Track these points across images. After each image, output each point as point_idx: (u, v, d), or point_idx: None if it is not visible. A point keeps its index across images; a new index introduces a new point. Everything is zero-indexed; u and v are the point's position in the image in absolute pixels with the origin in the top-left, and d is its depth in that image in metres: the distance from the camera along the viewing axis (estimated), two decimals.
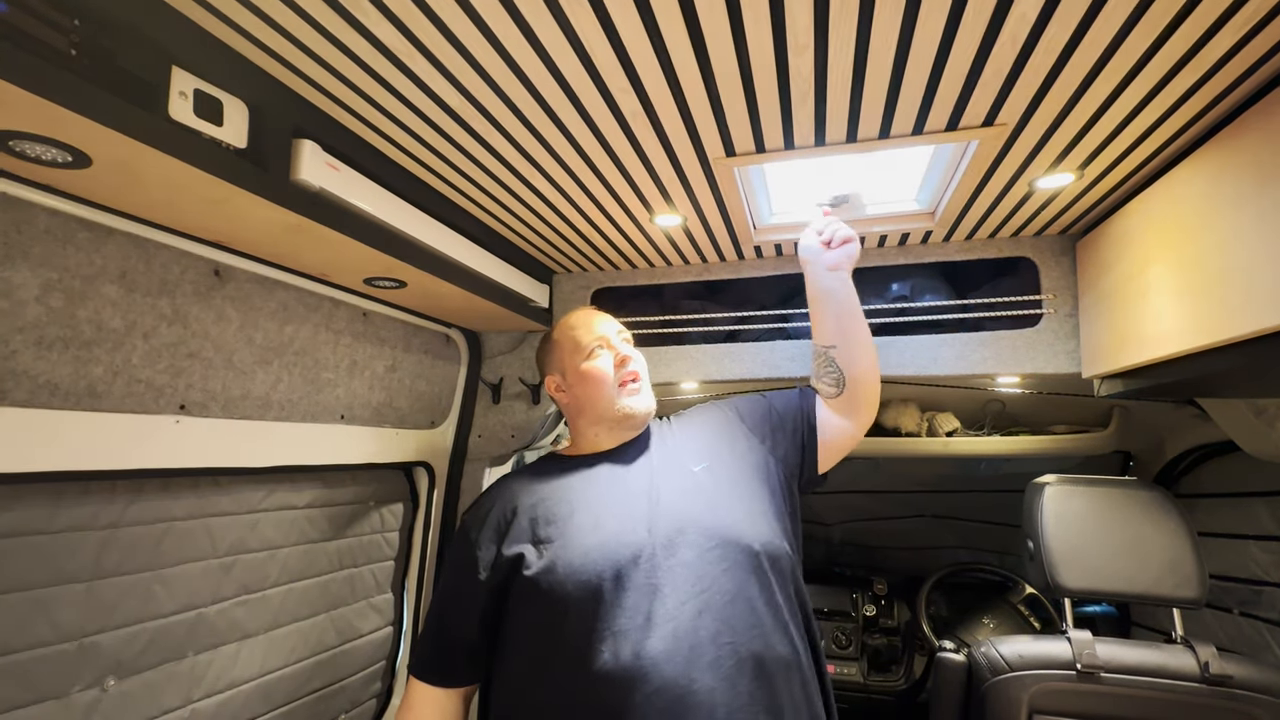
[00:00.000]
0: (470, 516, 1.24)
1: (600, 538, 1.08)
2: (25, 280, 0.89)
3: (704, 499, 1.15)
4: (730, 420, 1.33)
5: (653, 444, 1.28)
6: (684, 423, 1.36)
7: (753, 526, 1.13)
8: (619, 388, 1.26)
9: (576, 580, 1.04)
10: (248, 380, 1.25)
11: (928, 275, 1.72)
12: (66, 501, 1.01)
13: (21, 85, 0.64)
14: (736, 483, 1.20)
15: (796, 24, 0.82)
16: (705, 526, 1.10)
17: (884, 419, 2.33)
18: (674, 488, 1.17)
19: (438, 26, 0.83)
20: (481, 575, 1.13)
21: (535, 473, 1.28)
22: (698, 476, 1.19)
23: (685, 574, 1.05)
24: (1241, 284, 0.95)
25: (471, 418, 1.94)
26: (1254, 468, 1.72)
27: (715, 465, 1.22)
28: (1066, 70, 0.91)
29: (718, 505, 1.14)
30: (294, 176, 0.98)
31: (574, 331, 1.32)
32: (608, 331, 1.31)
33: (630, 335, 1.37)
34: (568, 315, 1.38)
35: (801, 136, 1.10)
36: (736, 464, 1.23)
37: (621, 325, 1.36)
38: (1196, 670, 1.28)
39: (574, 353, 1.30)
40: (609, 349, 1.29)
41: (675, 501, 1.14)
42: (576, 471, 1.24)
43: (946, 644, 1.55)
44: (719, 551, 1.07)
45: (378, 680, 1.70)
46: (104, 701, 1.05)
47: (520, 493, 1.22)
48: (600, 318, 1.34)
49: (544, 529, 1.13)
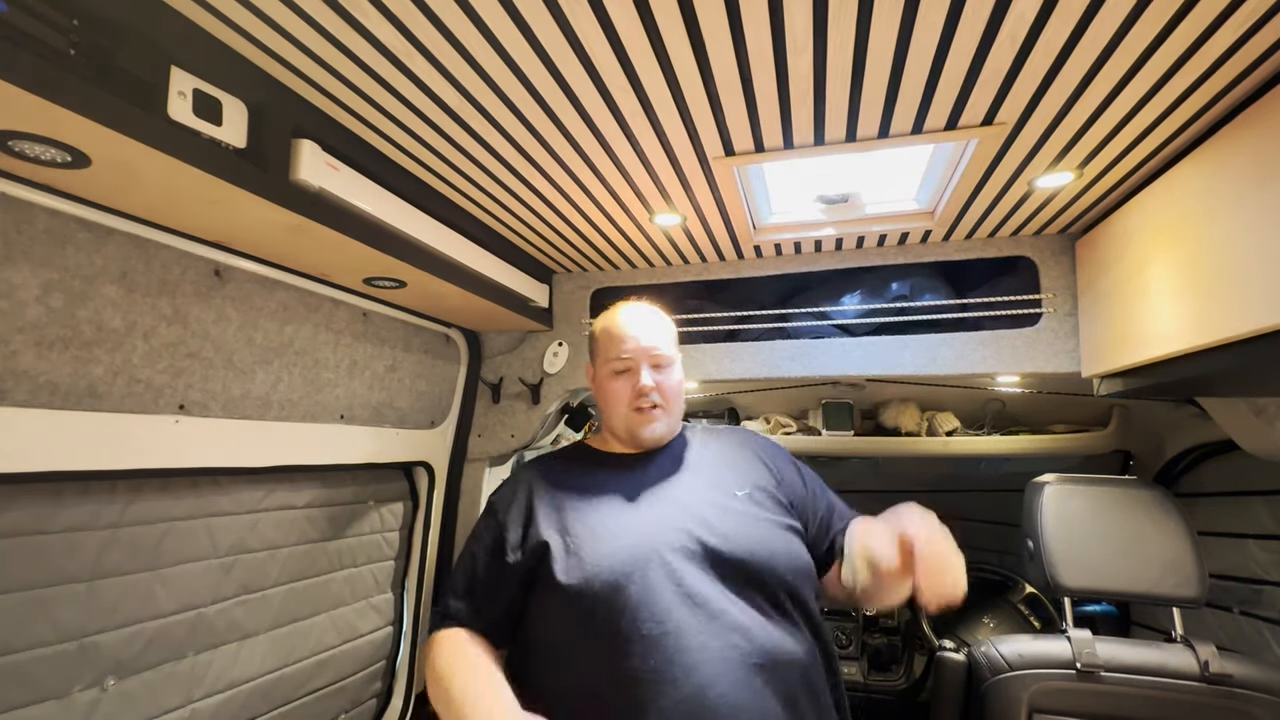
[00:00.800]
0: (498, 497, 1.24)
1: (629, 540, 1.08)
2: (25, 280, 0.89)
3: (741, 520, 1.14)
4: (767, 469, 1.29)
5: (690, 455, 1.27)
6: (723, 444, 1.33)
7: (786, 548, 1.13)
8: (634, 412, 1.24)
9: (603, 580, 1.04)
10: (248, 380, 1.25)
11: (927, 274, 1.72)
12: (67, 501, 1.01)
13: (21, 85, 0.64)
14: (774, 513, 1.19)
15: (795, 23, 0.82)
16: (740, 545, 1.09)
17: (884, 418, 2.33)
18: (710, 502, 1.16)
19: (437, 27, 0.83)
20: (510, 559, 1.13)
21: (567, 460, 1.28)
22: (738, 500, 1.18)
23: (712, 587, 1.05)
24: (1241, 283, 0.95)
25: (471, 418, 1.94)
26: (1254, 467, 1.72)
27: (755, 494, 1.21)
28: (1065, 69, 0.91)
29: (753, 527, 1.14)
30: (293, 176, 0.98)
31: (608, 336, 1.29)
32: (638, 352, 1.25)
33: (668, 352, 1.28)
34: (616, 308, 1.33)
35: (801, 136, 1.10)
36: (770, 499, 1.22)
37: (667, 339, 1.29)
38: (1196, 669, 1.28)
39: (602, 358, 1.29)
40: (633, 373, 1.25)
41: (710, 515, 1.13)
42: (610, 469, 1.24)
43: (946, 643, 1.55)
44: (747, 569, 1.08)
45: (378, 680, 1.70)
46: (104, 701, 1.05)
47: (551, 479, 1.22)
48: (640, 330, 1.27)
49: (574, 524, 1.12)
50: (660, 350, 1.27)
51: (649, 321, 1.30)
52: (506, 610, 1.15)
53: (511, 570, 1.13)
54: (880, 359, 1.65)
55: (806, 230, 1.56)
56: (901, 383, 2.20)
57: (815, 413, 2.35)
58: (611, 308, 1.35)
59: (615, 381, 1.26)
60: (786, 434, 2.36)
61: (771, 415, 2.47)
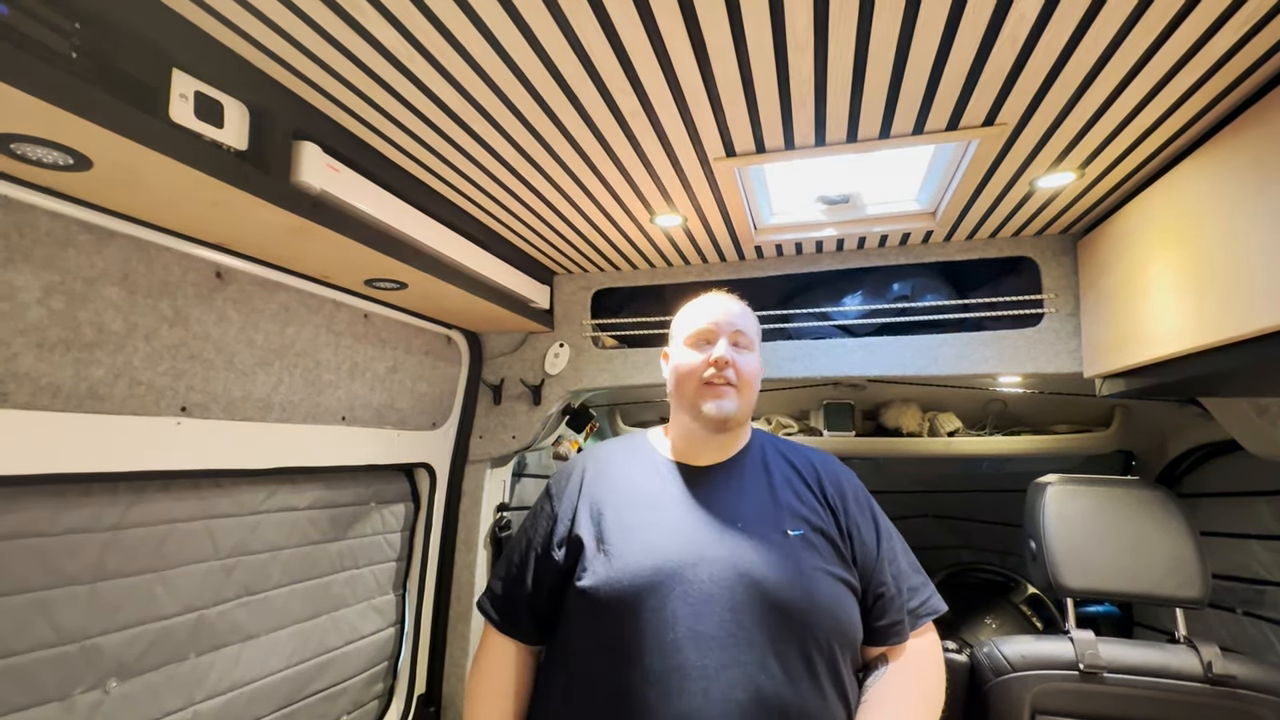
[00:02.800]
0: (555, 483, 1.22)
1: (658, 559, 1.02)
2: (27, 283, 0.90)
3: (786, 562, 1.03)
4: (833, 512, 1.15)
5: (748, 479, 1.15)
6: (791, 471, 1.19)
7: (830, 603, 1.03)
8: (704, 386, 1.14)
9: (622, 593, 1.00)
10: (249, 382, 1.25)
11: (929, 275, 1.72)
12: (69, 503, 1.01)
13: (22, 88, 0.65)
14: (827, 562, 1.07)
15: (796, 24, 0.82)
16: (780, 589, 1.00)
17: (885, 419, 2.33)
18: (759, 536, 1.05)
19: (437, 28, 0.83)
20: (556, 554, 1.11)
21: (629, 454, 1.22)
22: (789, 540, 1.06)
23: (732, 629, 0.97)
24: (1243, 283, 0.95)
25: (473, 419, 1.94)
26: (1256, 467, 1.72)
27: (811, 537, 1.08)
28: (1067, 70, 0.91)
29: (797, 572, 1.03)
30: (294, 178, 0.98)
31: (691, 312, 1.23)
32: (721, 325, 1.17)
33: (752, 336, 1.21)
34: (711, 292, 1.27)
35: (802, 136, 1.10)
36: (828, 544, 1.09)
37: (750, 323, 1.22)
38: (1200, 670, 1.28)
39: (681, 334, 1.22)
40: (709, 345, 1.17)
41: (754, 550, 1.03)
42: (664, 478, 1.16)
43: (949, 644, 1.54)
44: (780, 615, 0.99)
45: (379, 681, 1.70)
46: (106, 703, 1.05)
47: (607, 472, 1.18)
48: (730, 309, 1.20)
49: (612, 527, 1.08)
50: (744, 330, 1.19)
51: (736, 305, 1.23)
52: (541, 605, 1.13)
53: (554, 567, 1.10)
54: (882, 359, 1.65)
55: (807, 231, 1.56)
56: (903, 383, 2.20)
57: (817, 413, 2.35)
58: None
59: (690, 354, 1.17)
60: (787, 434, 2.36)
61: (773, 416, 2.47)
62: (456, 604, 1.88)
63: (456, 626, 1.87)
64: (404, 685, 1.78)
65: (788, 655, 0.96)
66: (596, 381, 1.86)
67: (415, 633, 1.81)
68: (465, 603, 1.87)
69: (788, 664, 0.96)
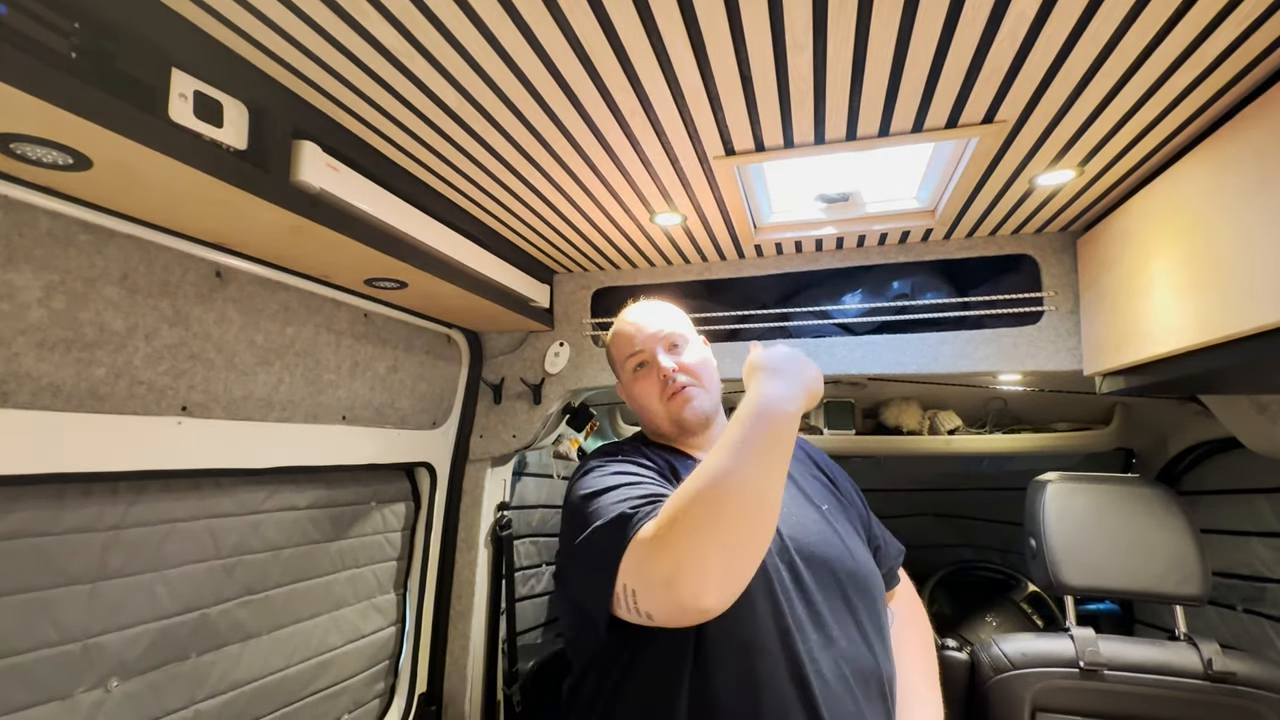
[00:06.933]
0: (609, 450, 1.18)
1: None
2: (27, 283, 0.90)
3: (830, 534, 1.10)
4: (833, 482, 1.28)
5: None
6: (801, 456, 1.28)
7: (869, 563, 1.13)
8: (667, 401, 1.17)
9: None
10: (249, 381, 1.25)
11: (929, 273, 1.72)
12: (69, 503, 1.01)
13: (22, 88, 0.64)
14: (853, 525, 1.19)
15: (795, 22, 0.82)
16: (836, 559, 1.06)
17: (886, 417, 2.33)
18: (802, 516, 1.11)
19: (437, 28, 0.83)
20: (670, 489, 1.01)
21: (651, 447, 1.20)
22: (824, 513, 1.14)
23: (820, 601, 1.01)
24: (1244, 280, 0.95)
25: (473, 418, 1.94)
26: (1257, 464, 1.72)
27: (834, 509, 1.18)
28: (1066, 66, 0.91)
29: (843, 541, 1.10)
30: (294, 178, 0.98)
31: (616, 340, 1.26)
32: (647, 340, 1.20)
33: (680, 330, 1.23)
34: (623, 311, 1.29)
35: (801, 135, 1.10)
36: (843, 511, 1.21)
37: (677, 322, 1.25)
38: (1200, 667, 1.28)
39: (621, 364, 1.25)
40: (651, 364, 1.20)
41: (804, 530, 1.08)
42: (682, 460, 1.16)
43: (949, 642, 1.55)
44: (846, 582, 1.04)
45: (381, 680, 1.71)
46: (107, 702, 1.05)
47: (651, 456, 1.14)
48: (648, 320, 1.23)
49: None
50: (669, 330, 1.22)
51: (651, 311, 1.26)
52: None
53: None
54: (882, 358, 1.65)
55: (807, 229, 1.56)
56: (903, 381, 2.20)
57: (817, 412, 2.35)
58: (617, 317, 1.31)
59: (640, 382, 1.21)
60: None
61: None
62: (457, 603, 1.89)
63: (457, 625, 1.88)
64: (405, 684, 1.78)
65: (863, 622, 1.03)
66: (597, 380, 1.86)
67: (416, 631, 1.81)
68: (466, 602, 1.88)
69: (864, 630, 1.02)
